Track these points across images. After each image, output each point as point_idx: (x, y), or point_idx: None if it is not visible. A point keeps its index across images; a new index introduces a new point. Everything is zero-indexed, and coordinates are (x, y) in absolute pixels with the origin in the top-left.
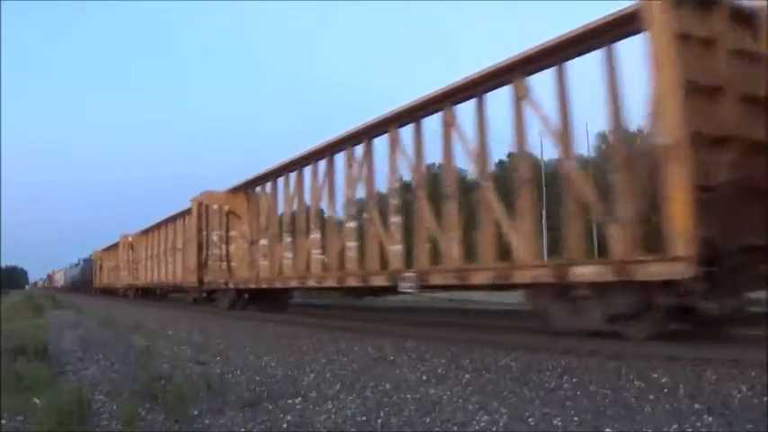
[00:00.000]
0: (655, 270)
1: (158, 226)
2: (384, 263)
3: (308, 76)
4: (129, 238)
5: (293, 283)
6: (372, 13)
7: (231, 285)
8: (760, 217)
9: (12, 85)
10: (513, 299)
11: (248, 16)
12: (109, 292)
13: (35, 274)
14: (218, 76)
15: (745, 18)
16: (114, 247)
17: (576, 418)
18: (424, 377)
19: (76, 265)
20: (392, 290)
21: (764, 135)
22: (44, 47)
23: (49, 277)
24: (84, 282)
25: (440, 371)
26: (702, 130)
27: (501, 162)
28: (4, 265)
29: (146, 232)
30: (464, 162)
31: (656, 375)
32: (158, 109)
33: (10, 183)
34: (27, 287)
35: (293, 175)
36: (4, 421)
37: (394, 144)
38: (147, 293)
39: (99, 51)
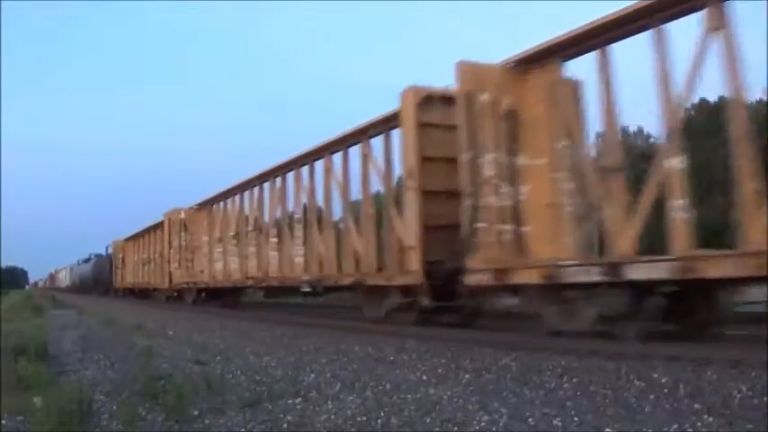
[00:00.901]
0: None
1: (244, 186)
2: None
3: (309, 73)
4: (182, 214)
5: None
6: (373, 13)
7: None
8: None
9: (10, 80)
10: None
11: (246, 15)
12: (136, 293)
13: (35, 274)
14: (216, 74)
15: None
16: (151, 231)
17: (576, 419)
18: (424, 377)
19: (86, 261)
20: None
21: None
22: (46, 42)
23: (52, 277)
24: (97, 281)
25: (440, 371)
26: None
27: None
28: (4, 265)
29: (214, 202)
30: None
31: (656, 375)
32: (159, 104)
33: (9, 182)
34: (27, 287)
35: None
36: (4, 421)
37: None
38: (214, 297)
39: (102, 46)
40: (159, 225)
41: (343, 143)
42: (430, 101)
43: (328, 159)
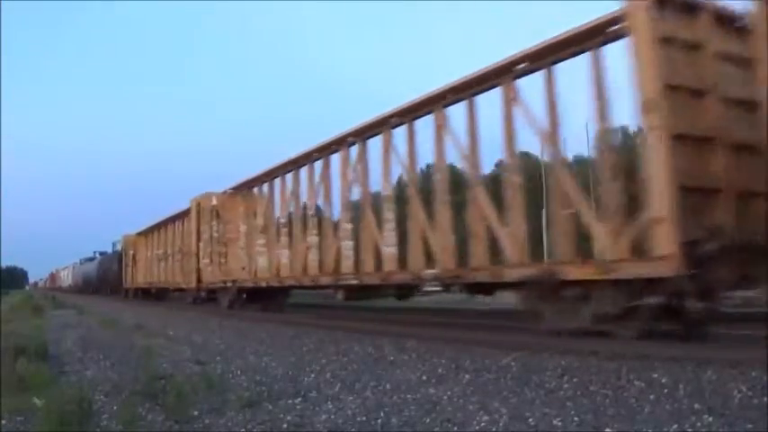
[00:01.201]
0: None
1: (300, 161)
2: None
3: (305, 71)
4: (214, 200)
5: None
6: (372, 13)
7: None
8: None
9: (10, 79)
10: None
11: (244, 14)
12: (153, 294)
13: (35, 274)
14: (221, 75)
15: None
16: (170, 223)
17: (576, 418)
18: (424, 377)
19: (91, 259)
20: None
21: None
22: (47, 42)
23: (52, 276)
24: (104, 281)
25: (440, 371)
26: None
27: None
28: (4, 265)
29: (255, 184)
30: None
31: (656, 375)
32: (162, 104)
33: (8, 181)
34: (27, 288)
35: None
36: (4, 421)
37: None
38: (255, 299)
39: (103, 46)
40: (183, 214)
41: (467, 89)
42: (663, 6)
43: (440, 113)
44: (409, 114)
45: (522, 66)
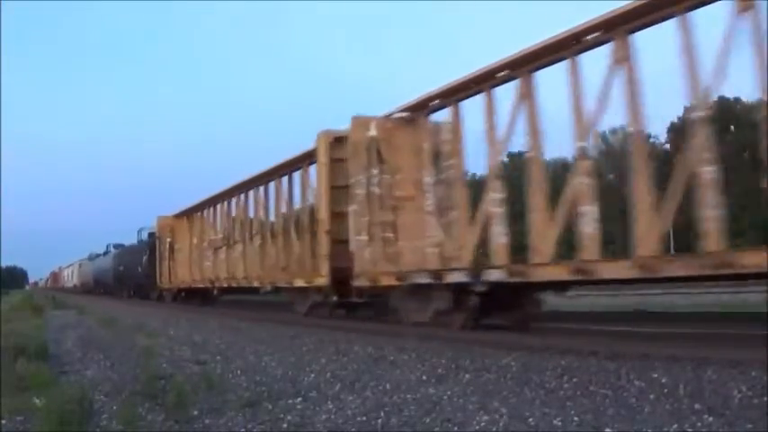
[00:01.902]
0: None
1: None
2: None
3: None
4: (373, 130)
5: None
6: (374, 11)
7: None
8: None
9: (8, 75)
10: None
11: (245, 14)
12: (211, 296)
13: (35, 274)
14: (213, 72)
15: None
16: (237, 192)
17: (576, 418)
18: (424, 377)
19: (104, 254)
20: None
21: None
22: (47, 37)
23: (54, 276)
24: (123, 279)
25: (440, 371)
26: None
27: None
28: (4, 265)
29: (464, 92)
30: None
31: (656, 375)
32: (157, 102)
33: (7, 180)
34: (27, 287)
35: None
36: (4, 421)
37: None
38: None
39: (108, 43)
40: (284, 169)
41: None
42: None
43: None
44: None
45: None
